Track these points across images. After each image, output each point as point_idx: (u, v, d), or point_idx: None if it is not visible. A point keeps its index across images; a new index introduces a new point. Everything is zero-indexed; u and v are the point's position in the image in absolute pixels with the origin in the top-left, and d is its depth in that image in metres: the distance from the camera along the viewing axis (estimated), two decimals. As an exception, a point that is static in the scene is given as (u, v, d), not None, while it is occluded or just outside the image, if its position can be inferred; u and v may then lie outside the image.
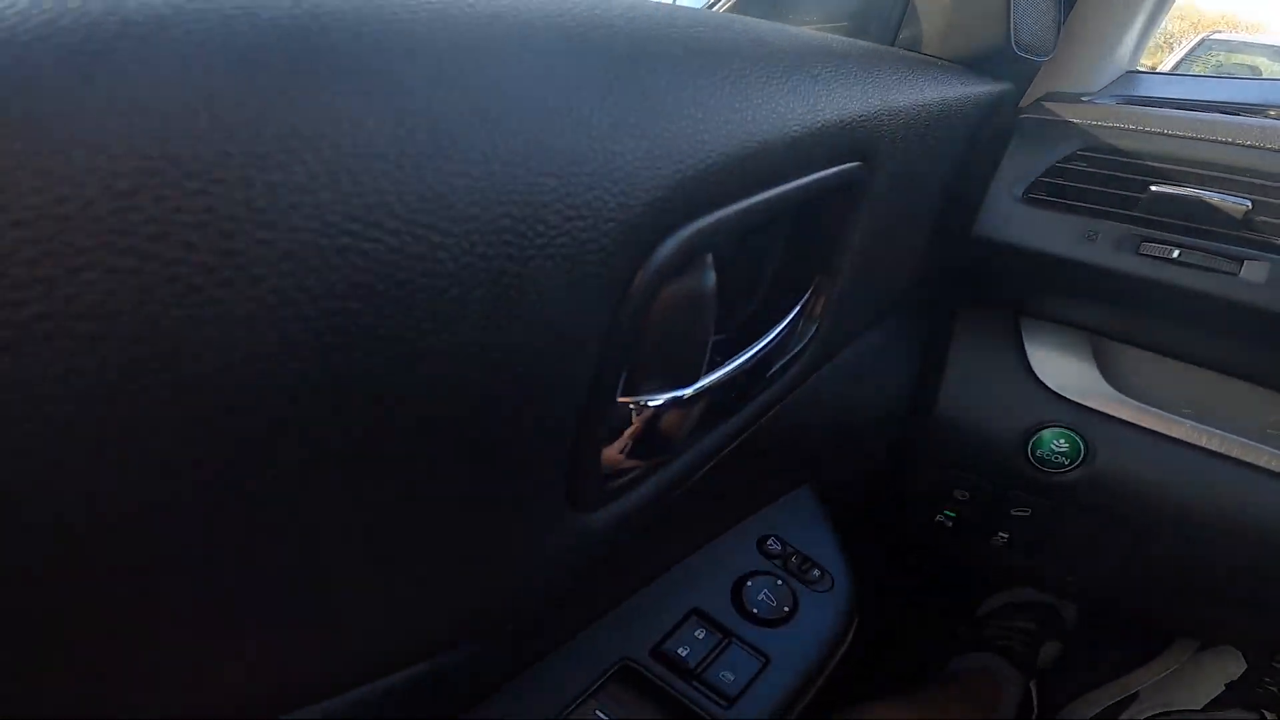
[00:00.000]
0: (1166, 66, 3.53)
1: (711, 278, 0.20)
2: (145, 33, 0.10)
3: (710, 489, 0.35)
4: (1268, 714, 0.63)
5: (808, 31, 0.32)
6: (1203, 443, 0.39)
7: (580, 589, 0.30)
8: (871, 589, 0.93)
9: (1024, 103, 0.53)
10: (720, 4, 0.57)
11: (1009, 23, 0.44)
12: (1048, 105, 0.47)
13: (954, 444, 0.45)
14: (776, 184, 0.24)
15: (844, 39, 0.36)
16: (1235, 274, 0.36)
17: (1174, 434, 0.39)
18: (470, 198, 0.13)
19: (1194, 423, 0.39)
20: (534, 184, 0.14)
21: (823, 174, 0.28)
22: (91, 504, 0.10)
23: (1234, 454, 0.38)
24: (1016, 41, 0.45)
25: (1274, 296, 0.35)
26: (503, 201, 0.14)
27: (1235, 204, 0.36)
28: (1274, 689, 0.64)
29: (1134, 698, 0.77)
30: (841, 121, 0.26)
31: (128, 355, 0.10)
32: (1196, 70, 3.55)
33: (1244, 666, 0.68)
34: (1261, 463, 0.38)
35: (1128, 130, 0.42)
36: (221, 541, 0.12)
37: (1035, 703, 0.82)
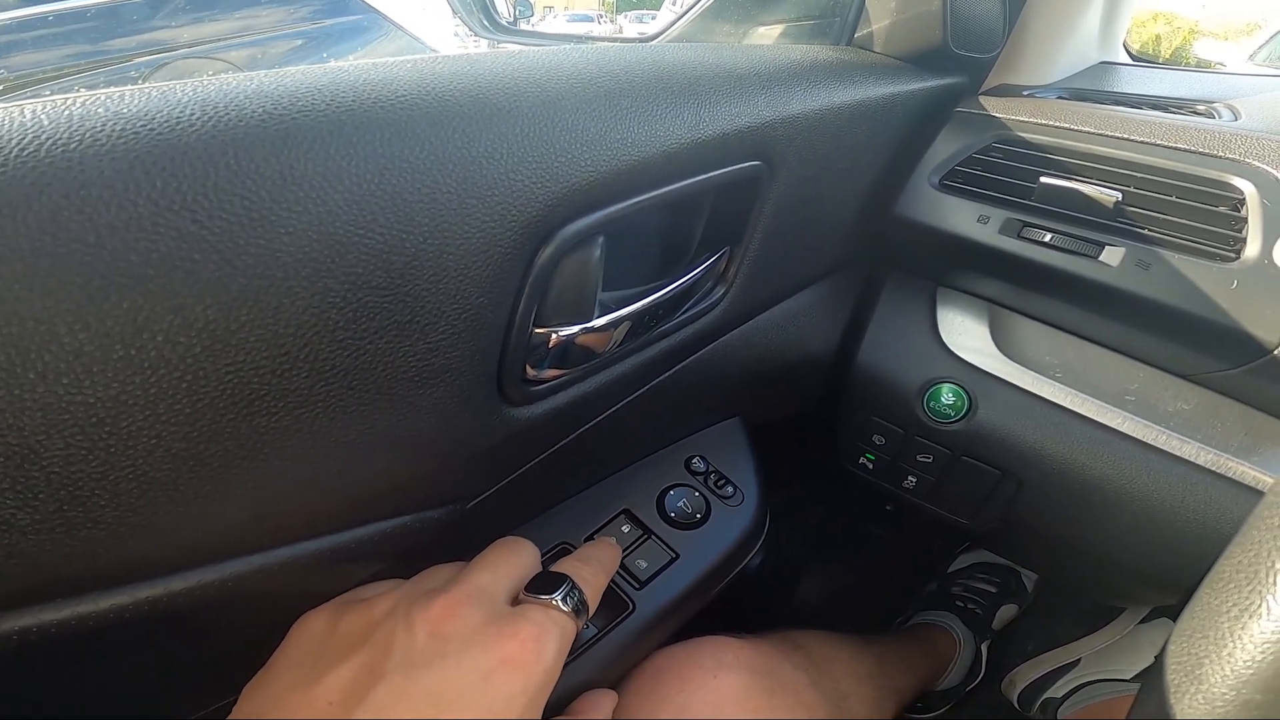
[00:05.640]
0: (1252, 49, 3.43)
1: (597, 253, 0.32)
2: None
3: (647, 414, 0.47)
4: None
5: (721, 50, 0.42)
6: (1065, 402, 0.49)
7: (529, 484, 0.42)
8: (846, 539, 1.05)
9: (982, 92, 0.61)
10: (701, 3, 0.65)
11: (945, 25, 0.52)
12: (982, 99, 0.55)
13: (870, 393, 0.56)
14: (667, 184, 0.35)
15: (767, 51, 0.46)
16: (1095, 257, 0.45)
17: (1042, 393, 0.49)
18: (428, 210, 0.25)
19: (1060, 385, 0.49)
20: (464, 200, 0.26)
21: (721, 172, 0.38)
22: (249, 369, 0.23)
23: (1091, 415, 0.48)
24: (954, 42, 0.53)
25: (1124, 277, 0.44)
26: (446, 212, 0.25)
27: (1107, 194, 0.45)
28: None
29: (1075, 663, 0.88)
30: (727, 132, 0.36)
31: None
32: None
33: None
34: (1114, 424, 0.48)
35: (1037, 124, 0.50)
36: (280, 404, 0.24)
37: (984, 663, 0.93)
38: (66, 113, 0.20)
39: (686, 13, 0.67)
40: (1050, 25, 0.60)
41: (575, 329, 0.34)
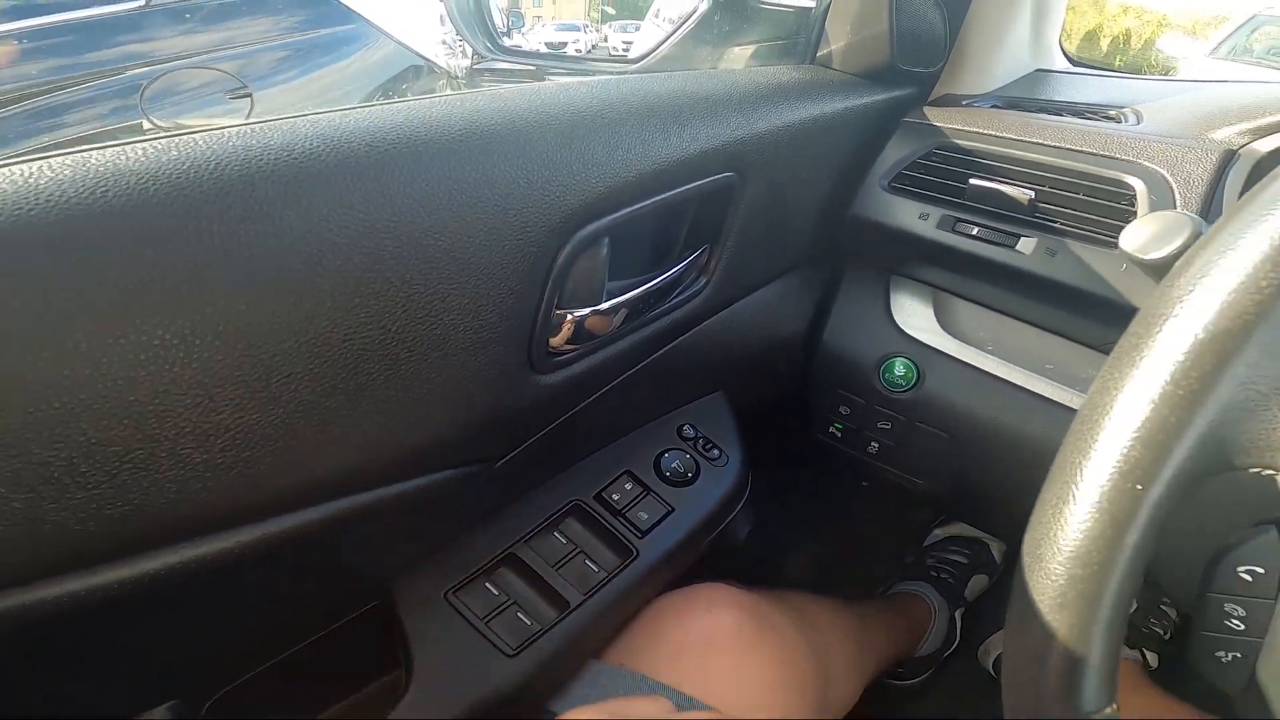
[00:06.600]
0: (1214, 44, 3.67)
1: (604, 250, 0.40)
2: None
3: (644, 387, 0.55)
4: (1147, 653, 0.78)
5: (699, 77, 0.51)
6: (998, 373, 0.58)
7: (546, 447, 0.50)
8: (827, 519, 1.13)
9: (928, 102, 0.70)
10: (688, 23, 0.74)
11: (892, 44, 0.61)
12: (926, 109, 0.64)
13: (835, 369, 0.65)
14: (657, 194, 0.43)
15: (738, 75, 0.55)
16: (1013, 247, 0.54)
17: (979, 364, 0.58)
18: (481, 219, 0.34)
19: (992, 357, 0.58)
20: (506, 211, 0.35)
21: (700, 183, 0.47)
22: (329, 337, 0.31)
23: (1018, 381, 0.57)
24: (900, 59, 0.62)
25: (1036, 263, 0.53)
26: (494, 219, 0.34)
27: (1023, 193, 0.54)
28: (1158, 630, 0.79)
29: None
30: (705, 150, 0.45)
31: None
32: (1255, 44, 3.73)
33: (1134, 607, 0.85)
34: (1037, 389, 0.56)
35: (969, 132, 0.59)
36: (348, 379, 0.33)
37: (959, 630, 1.00)
38: (232, 144, 0.29)
39: (671, 35, 0.76)
40: (985, 40, 0.69)
41: (586, 311, 0.43)
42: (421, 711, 0.44)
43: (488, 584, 0.49)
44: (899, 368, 0.61)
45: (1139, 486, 0.24)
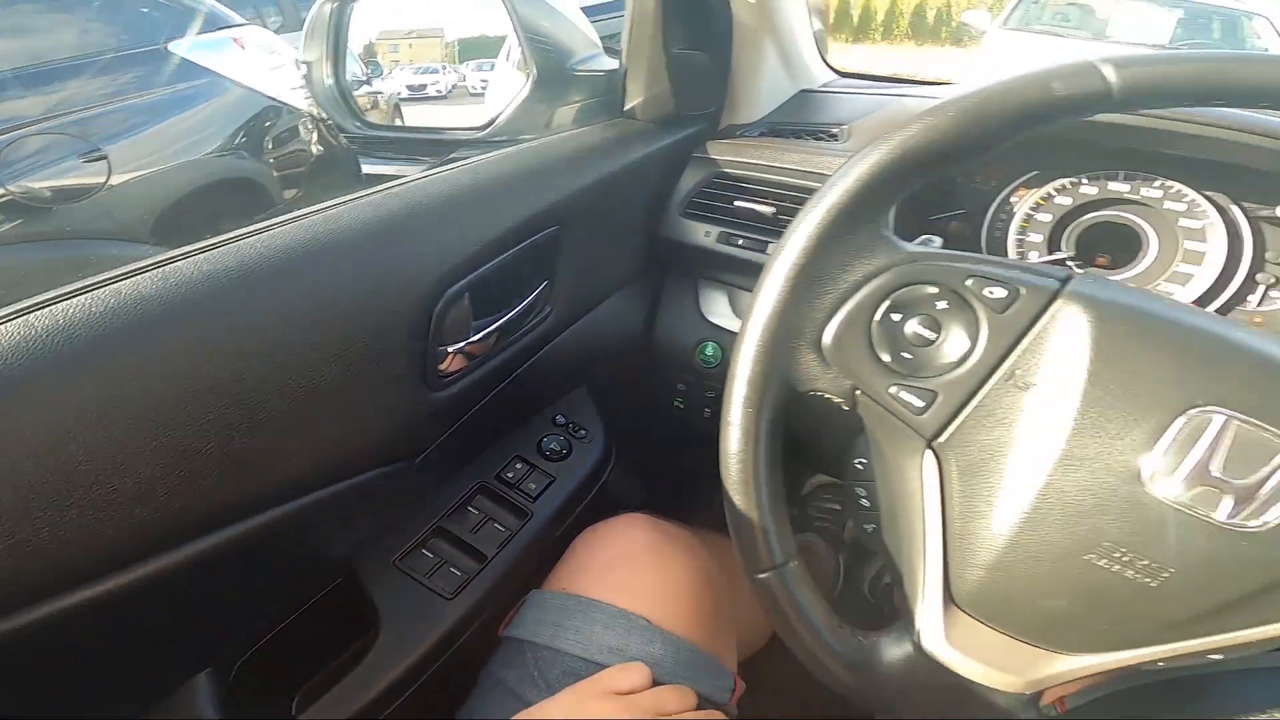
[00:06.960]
0: (1004, 15, 4.29)
1: (466, 300, 0.59)
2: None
3: (520, 391, 0.74)
4: None
5: (526, 152, 0.70)
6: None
7: (453, 445, 0.68)
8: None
9: (715, 136, 0.89)
10: (522, 92, 0.93)
11: (673, 98, 0.82)
12: (710, 144, 0.84)
13: (667, 357, 0.86)
14: (501, 254, 0.62)
15: (559, 143, 0.74)
16: (764, 251, 0.76)
17: (762, 337, 0.81)
18: (388, 289, 0.52)
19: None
20: (397, 284, 0.53)
21: (533, 239, 0.66)
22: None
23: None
24: (683, 108, 0.83)
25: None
26: (396, 289, 0.53)
27: (767, 209, 0.76)
28: None
29: None
30: (533, 214, 0.64)
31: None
32: (1044, 12, 4.41)
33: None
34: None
35: (735, 161, 0.79)
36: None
37: (842, 571, 1.13)
38: (231, 260, 0.46)
39: (508, 106, 0.95)
40: (745, 78, 0.88)
41: (462, 343, 0.61)
42: (393, 649, 0.60)
43: (424, 550, 0.66)
44: (709, 349, 0.83)
45: (752, 410, 0.41)
